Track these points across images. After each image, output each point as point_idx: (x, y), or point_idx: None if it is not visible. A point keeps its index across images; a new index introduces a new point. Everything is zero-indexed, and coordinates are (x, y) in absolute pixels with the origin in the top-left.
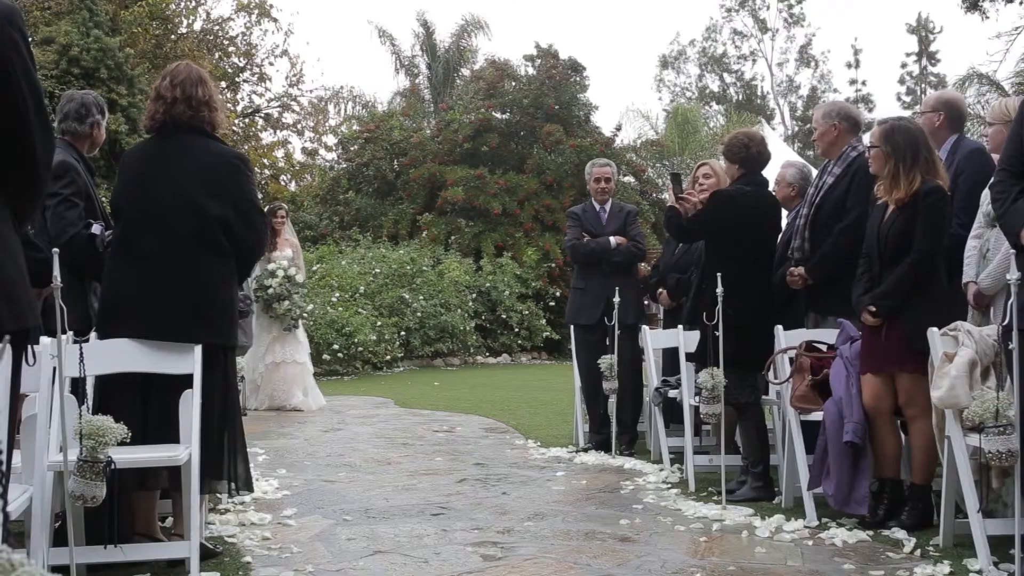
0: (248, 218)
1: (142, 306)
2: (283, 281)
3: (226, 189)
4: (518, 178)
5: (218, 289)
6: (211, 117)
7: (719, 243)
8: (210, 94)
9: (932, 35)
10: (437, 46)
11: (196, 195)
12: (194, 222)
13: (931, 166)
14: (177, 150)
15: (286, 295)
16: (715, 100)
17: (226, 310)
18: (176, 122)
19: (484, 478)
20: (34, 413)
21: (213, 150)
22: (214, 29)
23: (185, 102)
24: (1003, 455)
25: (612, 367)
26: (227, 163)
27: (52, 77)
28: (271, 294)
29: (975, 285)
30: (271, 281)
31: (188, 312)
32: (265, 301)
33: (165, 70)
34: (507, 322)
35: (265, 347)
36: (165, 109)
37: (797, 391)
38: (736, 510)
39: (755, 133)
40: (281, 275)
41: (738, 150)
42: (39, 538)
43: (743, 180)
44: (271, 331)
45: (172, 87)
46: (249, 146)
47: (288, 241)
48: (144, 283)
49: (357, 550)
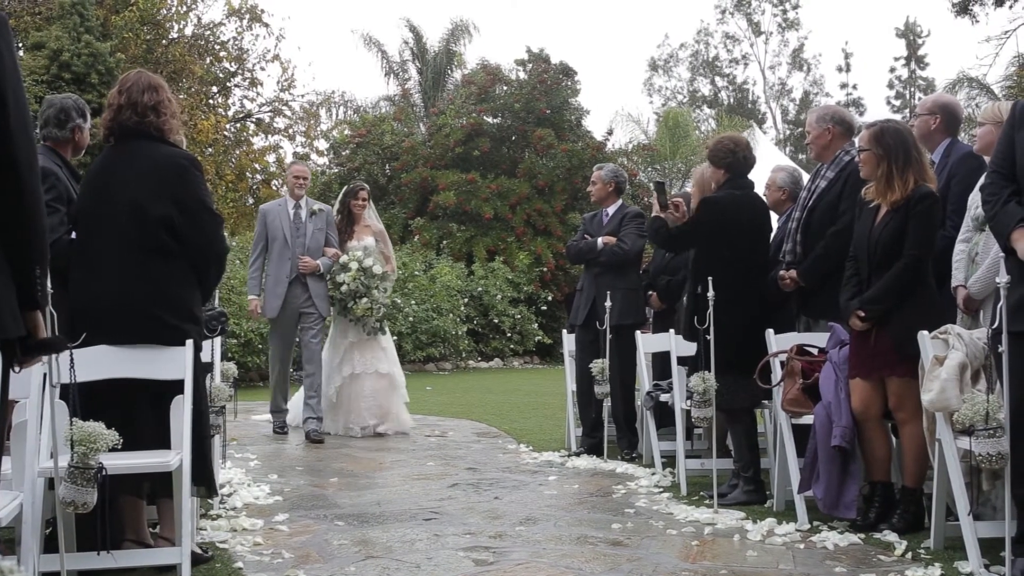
0: (195, 219)
1: (103, 313)
2: (357, 275)
3: (170, 190)
4: (510, 182)
5: (169, 290)
6: (159, 122)
7: (712, 249)
8: (158, 100)
9: (920, 39)
10: (427, 50)
11: (139, 197)
12: (137, 225)
13: (921, 167)
14: (125, 156)
15: (363, 291)
16: (706, 104)
17: (182, 309)
18: (124, 128)
19: (476, 483)
20: (24, 419)
21: (162, 152)
22: (205, 34)
23: (131, 108)
24: (993, 458)
25: (603, 371)
26: (173, 164)
27: (43, 82)
28: (345, 292)
29: (964, 289)
30: (344, 276)
31: (141, 315)
32: (340, 301)
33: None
34: (499, 326)
35: (341, 356)
36: (113, 116)
37: (788, 395)
38: (728, 514)
39: (740, 137)
40: (355, 268)
41: (724, 155)
42: (29, 544)
43: (729, 184)
44: (347, 336)
45: (119, 94)
46: (241, 151)
47: (369, 227)
48: (100, 290)
49: (349, 555)
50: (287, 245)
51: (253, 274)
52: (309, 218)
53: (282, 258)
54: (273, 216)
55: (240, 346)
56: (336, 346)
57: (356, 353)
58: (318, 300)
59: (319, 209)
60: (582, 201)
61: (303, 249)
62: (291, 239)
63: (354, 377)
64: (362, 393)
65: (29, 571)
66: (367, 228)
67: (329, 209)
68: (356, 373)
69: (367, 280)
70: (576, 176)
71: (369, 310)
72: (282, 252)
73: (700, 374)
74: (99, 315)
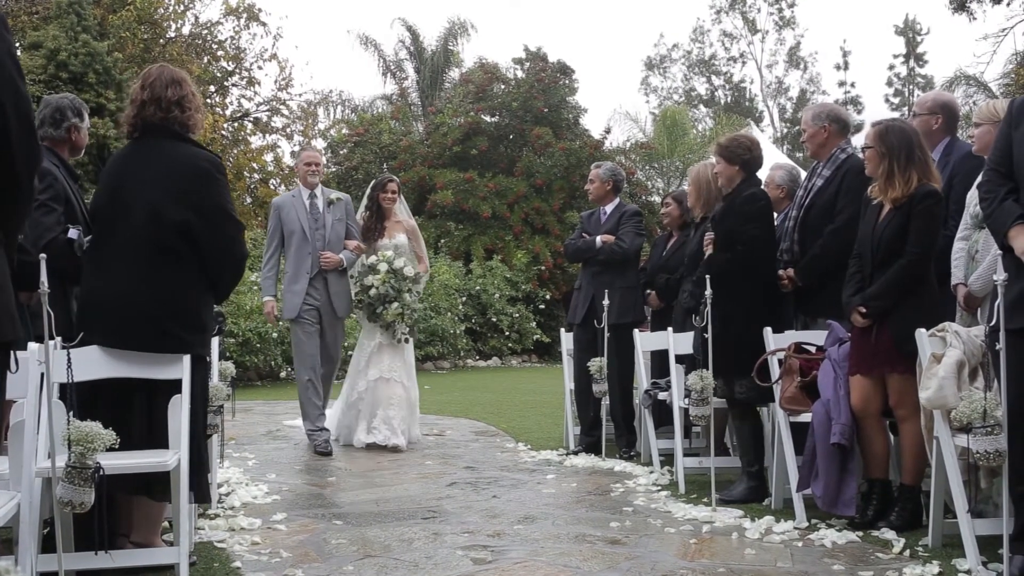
0: (214, 224)
1: (108, 315)
2: (387, 277)
3: (190, 194)
4: (507, 181)
5: (177, 297)
6: (184, 118)
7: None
8: (182, 94)
9: (920, 37)
10: (424, 49)
11: (157, 200)
12: (152, 228)
13: (925, 166)
14: (147, 154)
15: (393, 295)
16: (702, 103)
17: (188, 318)
18: (147, 125)
19: (474, 481)
20: (22, 419)
21: (183, 153)
22: (202, 33)
23: (155, 103)
24: (991, 455)
25: (601, 370)
26: (195, 167)
27: (40, 82)
28: (374, 296)
29: (964, 287)
30: (372, 279)
31: (144, 321)
32: (368, 306)
33: (141, 74)
34: (497, 325)
35: (367, 358)
36: (137, 112)
37: (786, 393)
38: (726, 512)
39: (754, 137)
40: (384, 270)
41: (741, 152)
42: (27, 544)
43: (747, 182)
44: (374, 336)
45: (142, 89)
46: (238, 150)
47: (401, 224)
48: (108, 291)
49: (347, 554)
50: (306, 239)
51: (268, 273)
52: (327, 208)
53: (301, 253)
54: (288, 209)
55: (238, 345)
56: (362, 348)
57: (386, 356)
58: (337, 299)
59: (337, 198)
60: (580, 199)
61: (323, 243)
62: (310, 232)
63: (381, 381)
64: (389, 399)
65: (27, 571)
66: (399, 224)
67: (348, 197)
68: (385, 378)
69: (397, 283)
70: (574, 174)
71: (400, 315)
72: (300, 247)
73: (698, 372)
74: (103, 316)
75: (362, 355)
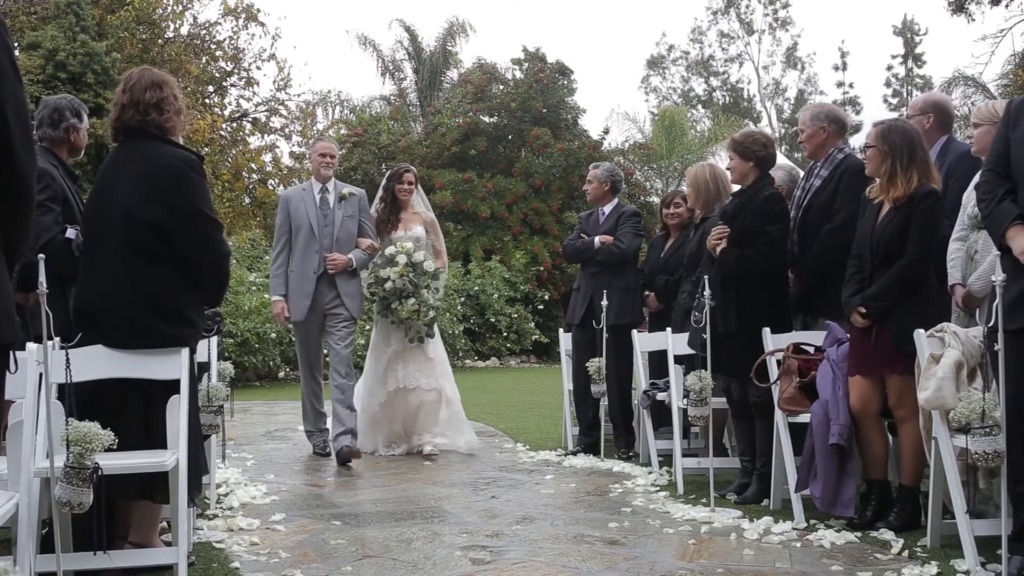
0: (188, 223)
1: (96, 315)
2: (405, 270)
3: (162, 193)
4: (506, 181)
5: (157, 294)
6: (161, 120)
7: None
8: (161, 96)
9: (918, 37)
10: (423, 50)
11: (129, 200)
12: (127, 228)
13: (926, 166)
14: (126, 157)
15: (411, 290)
16: (700, 103)
17: (170, 314)
18: (127, 128)
19: (473, 482)
20: (20, 419)
21: (158, 153)
22: (201, 33)
23: (133, 107)
24: (989, 456)
25: (600, 370)
26: (168, 166)
27: (39, 82)
28: (389, 289)
29: (962, 288)
30: (389, 271)
31: (128, 319)
32: (383, 300)
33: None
34: (496, 326)
35: (385, 366)
36: (117, 115)
37: (785, 393)
38: (724, 512)
39: (769, 135)
40: (403, 262)
41: (757, 148)
42: (25, 545)
43: (762, 180)
44: (390, 342)
45: (123, 93)
46: (237, 150)
47: (418, 216)
48: (94, 292)
49: (346, 555)
50: (313, 236)
51: (276, 271)
52: (338, 203)
53: (308, 251)
54: (296, 203)
55: (237, 346)
56: (379, 353)
57: (400, 365)
58: (348, 299)
59: (350, 193)
60: (578, 200)
61: (332, 240)
62: (318, 229)
63: (399, 392)
64: (408, 412)
65: (25, 572)
66: (416, 216)
67: (362, 192)
68: (401, 388)
69: (416, 277)
70: (572, 175)
71: (416, 312)
72: (308, 244)
73: (697, 373)
74: (94, 316)
75: (379, 362)
